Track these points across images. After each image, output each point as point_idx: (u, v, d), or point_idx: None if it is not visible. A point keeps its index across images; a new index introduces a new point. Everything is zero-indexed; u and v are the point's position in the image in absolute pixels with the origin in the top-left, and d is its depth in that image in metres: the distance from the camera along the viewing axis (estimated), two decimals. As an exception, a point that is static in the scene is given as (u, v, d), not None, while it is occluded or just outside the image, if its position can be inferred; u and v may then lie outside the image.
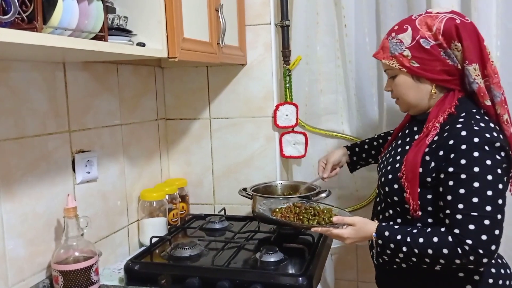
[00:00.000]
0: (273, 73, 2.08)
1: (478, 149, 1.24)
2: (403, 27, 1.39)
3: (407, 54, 1.37)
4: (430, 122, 1.36)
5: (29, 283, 1.39)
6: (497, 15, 1.79)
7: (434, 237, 1.27)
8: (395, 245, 1.32)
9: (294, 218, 1.56)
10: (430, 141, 1.34)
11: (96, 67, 1.68)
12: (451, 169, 1.26)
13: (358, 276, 2.28)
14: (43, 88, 1.44)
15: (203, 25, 1.66)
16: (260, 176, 2.11)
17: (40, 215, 1.43)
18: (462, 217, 1.24)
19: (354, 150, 1.85)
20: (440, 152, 1.30)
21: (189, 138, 2.20)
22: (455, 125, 1.31)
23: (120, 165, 1.82)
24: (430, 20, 1.35)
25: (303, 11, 2.06)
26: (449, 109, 1.35)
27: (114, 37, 1.29)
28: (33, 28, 0.95)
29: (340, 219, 1.43)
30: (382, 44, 1.45)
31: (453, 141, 1.27)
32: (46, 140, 1.45)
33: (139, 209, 1.92)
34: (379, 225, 1.38)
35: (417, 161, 1.33)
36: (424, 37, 1.35)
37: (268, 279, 1.43)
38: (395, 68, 1.40)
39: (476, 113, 1.34)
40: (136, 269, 1.55)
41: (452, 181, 1.26)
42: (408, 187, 1.34)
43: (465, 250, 1.22)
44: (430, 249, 1.26)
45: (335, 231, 1.41)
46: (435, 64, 1.35)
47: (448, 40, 1.33)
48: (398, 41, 1.38)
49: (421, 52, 1.35)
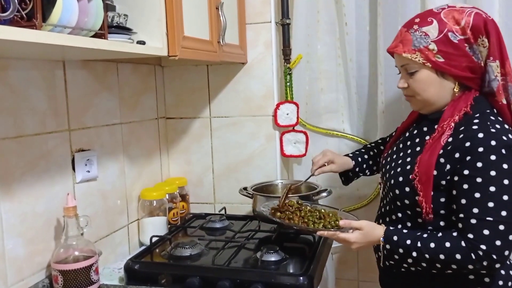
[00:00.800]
0: (273, 71, 2.07)
1: (495, 152, 1.21)
2: (427, 20, 1.32)
3: (433, 48, 1.30)
4: (445, 122, 1.32)
5: (29, 282, 1.38)
6: (499, 13, 1.78)
7: (447, 242, 1.23)
8: (404, 250, 1.28)
9: (299, 221, 1.52)
10: (445, 142, 1.29)
11: (96, 66, 1.67)
12: (467, 172, 1.23)
13: (359, 275, 2.27)
14: (43, 87, 1.43)
15: (203, 23, 1.65)
16: (261, 175, 2.10)
17: (40, 214, 1.42)
18: (477, 221, 1.21)
19: (362, 166, 1.76)
20: (456, 154, 1.26)
21: (189, 137, 2.20)
22: (470, 126, 1.27)
23: (120, 164, 1.82)
24: (457, 14, 1.30)
25: (304, 9, 2.06)
26: (465, 109, 1.31)
27: (114, 35, 1.28)
28: (33, 26, 0.94)
29: (347, 223, 1.38)
30: (401, 36, 1.37)
31: (469, 143, 1.24)
32: (45, 139, 1.44)
33: (139, 208, 1.91)
34: (387, 229, 1.34)
35: (431, 163, 1.29)
36: (451, 30, 1.29)
37: (269, 279, 1.42)
38: (418, 63, 1.32)
39: (490, 113, 1.31)
40: (136, 268, 1.54)
41: (467, 184, 1.23)
42: (421, 189, 1.30)
43: (478, 255, 1.20)
44: (442, 255, 1.23)
45: (341, 235, 1.36)
46: (461, 59, 1.30)
47: (475, 35, 1.28)
48: (423, 33, 1.31)
49: (448, 47, 1.29)
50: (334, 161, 1.72)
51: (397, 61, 1.41)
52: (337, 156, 1.75)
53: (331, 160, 1.72)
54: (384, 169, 1.50)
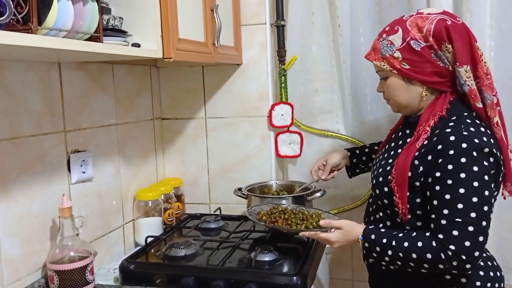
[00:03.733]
0: (268, 73, 2.08)
1: (466, 155, 1.24)
2: (394, 28, 1.37)
3: (398, 56, 1.35)
4: (421, 126, 1.35)
5: (25, 282, 1.39)
6: (491, 15, 1.80)
7: (419, 242, 1.27)
8: (380, 248, 1.32)
9: (282, 223, 1.58)
10: (420, 145, 1.33)
11: (91, 67, 1.68)
12: (438, 174, 1.26)
13: (353, 275, 2.28)
14: (38, 88, 1.44)
15: (198, 25, 1.66)
16: (256, 176, 2.12)
17: (35, 215, 1.43)
18: (447, 222, 1.24)
19: (355, 152, 1.83)
20: (429, 156, 1.29)
21: (184, 137, 2.21)
22: (444, 129, 1.30)
23: (116, 165, 1.83)
24: (421, 21, 1.33)
25: (299, 11, 2.07)
26: (440, 113, 1.34)
27: (109, 37, 1.29)
28: (28, 30, 0.96)
29: (327, 223, 1.45)
30: (373, 45, 1.44)
31: (441, 146, 1.27)
32: (41, 140, 1.45)
33: (135, 209, 1.92)
34: (366, 228, 1.39)
35: (406, 165, 1.32)
36: (414, 38, 1.33)
37: (263, 279, 1.44)
38: (386, 70, 1.39)
39: (467, 116, 1.33)
40: (131, 268, 1.55)
41: (439, 186, 1.26)
42: (398, 190, 1.33)
43: (448, 255, 1.22)
44: (414, 253, 1.26)
45: (322, 235, 1.43)
46: (425, 66, 1.34)
47: (438, 42, 1.31)
48: (388, 42, 1.37)
49: (412, 54, 1.34)
50: (328, 156, 1.83)
51: (374, 67, 1.47)
52: (330, 153, 1.86)
53: (325, 159, 1.82)
54: (372, 170, 1.55)
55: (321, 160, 1.85)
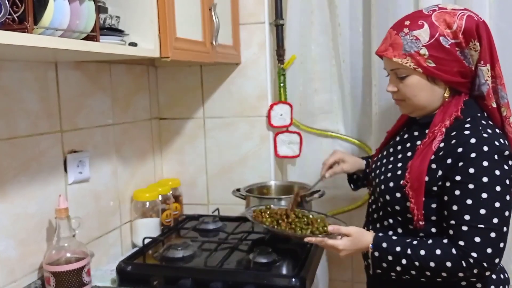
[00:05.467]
0: (267, 72, 2.07)
1: (488, 158, 1.19)
2: (418, 23, 1.27)
3: (424, 53, 1.26)
4: (436, 127, 1.29)
5: (21, 284, 1.38)
6: (490, 15, 1.79)
7: (437, 249, 1.21)
8: (393, 257, 1.25)
9: (286, 227, 1.52)
10: (436, 147, 1.26)
11: (88, 67, 1.66)
12: (459, 178, 1.20)
13: (353, 276, 2.27)
14: (35, 88, 1.43)
15: (196, 24, 1.65)
16: (255, 176, 2.11)
17: (32, 215, 1.42)
18: (468, 228, 1.18)
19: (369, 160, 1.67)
20: (448, 160, 1.23)
21: (182, 137, 2.20)
22: (462, 131, 1.25)
23: (113, 165, 1.81)
24: (449, 16, 1.26)
25: (298, 10, 2.06)
26: (456, 113, 1.28)
27: (106, 37, 1.28)
28: (24, 29, 0.95)
29: (336, 229, 1.35)
30: (391, 39, 1.31)
31: (462, 149, 1.21)
32: (38, 140, 1.44)
33: (132, 210, 1.91)
34: (376, 236, 1.31)
35: (423, 169, 1.25)
36: (443, 34, 1.25)
37: (261, 280, 1.43)
38: (409, 68, 1.28)
39: (481, 117, 1.29)
40: (128, 270, 1.54)
41: (459, 190, 1.21)
42: (413, 196, 1.27)
43: (469, 263, 1.18)
44: (432, 262, 1.21)
45: (330, 241, 1.33)
46: (452, 64, 1.27)
47: (467, 39, 1.25)
48: (413, 38, 1.27)
49: (440, 51, 1.25)
50: (345, 159, 1.65)
51: (387, 65, 1.37)
52: (347, 154, 1.70)
53: (342, 158, 1.64)
54: (374, 174, 1.47)
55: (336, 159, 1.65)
